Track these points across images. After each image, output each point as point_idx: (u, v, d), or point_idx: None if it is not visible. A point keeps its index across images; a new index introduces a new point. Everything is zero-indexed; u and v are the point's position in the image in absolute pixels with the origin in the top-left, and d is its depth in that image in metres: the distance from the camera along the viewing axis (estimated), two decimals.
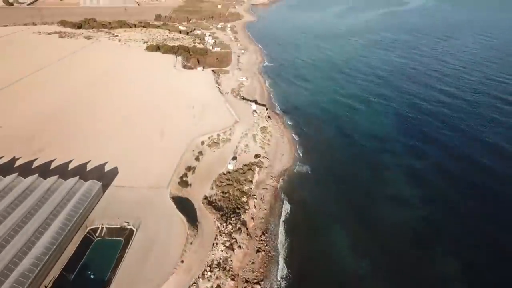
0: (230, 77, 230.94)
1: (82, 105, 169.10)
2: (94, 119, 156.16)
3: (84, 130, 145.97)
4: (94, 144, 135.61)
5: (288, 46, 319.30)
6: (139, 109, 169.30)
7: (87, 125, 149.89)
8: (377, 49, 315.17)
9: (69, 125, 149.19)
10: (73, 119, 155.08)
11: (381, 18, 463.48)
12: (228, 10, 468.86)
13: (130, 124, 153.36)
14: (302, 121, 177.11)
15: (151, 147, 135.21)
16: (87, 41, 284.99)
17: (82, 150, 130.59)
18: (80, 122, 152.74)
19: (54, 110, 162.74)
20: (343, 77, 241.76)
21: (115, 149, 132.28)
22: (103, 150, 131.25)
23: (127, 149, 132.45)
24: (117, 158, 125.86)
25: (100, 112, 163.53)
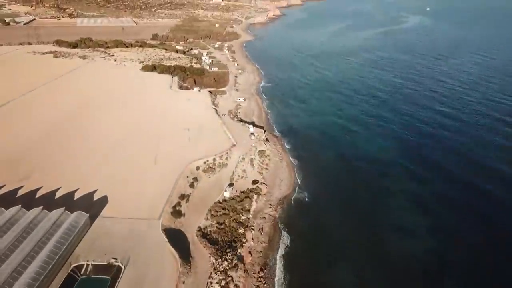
0: (227, 97, 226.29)
1: (73, 128, 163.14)
2: (85, 142, 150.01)
3: (74, 154, 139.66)
4: (84, 170, 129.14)
5: (286, 65, 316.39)
6: (133, 131, 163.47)
7: (77, 149, 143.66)
8: (374, 68, 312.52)
9: (59, 149, 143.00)
10: (63, 142, 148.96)
11: (378, 37, 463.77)
12: (226, 29, 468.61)
13: (122, 148, 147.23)
14: (300, 144, 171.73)
15: (143, 173, 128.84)
16: (82, 60, 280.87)
17: (71, 176, 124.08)
18: (70, 146, 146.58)
19: (44, 133, 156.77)
20: (340, 98, 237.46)
21: (105, 175, 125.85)
22: (93, 176, 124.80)
23: (118, 176, 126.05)
24: (107, 186, 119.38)
25: (92, 135, 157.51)
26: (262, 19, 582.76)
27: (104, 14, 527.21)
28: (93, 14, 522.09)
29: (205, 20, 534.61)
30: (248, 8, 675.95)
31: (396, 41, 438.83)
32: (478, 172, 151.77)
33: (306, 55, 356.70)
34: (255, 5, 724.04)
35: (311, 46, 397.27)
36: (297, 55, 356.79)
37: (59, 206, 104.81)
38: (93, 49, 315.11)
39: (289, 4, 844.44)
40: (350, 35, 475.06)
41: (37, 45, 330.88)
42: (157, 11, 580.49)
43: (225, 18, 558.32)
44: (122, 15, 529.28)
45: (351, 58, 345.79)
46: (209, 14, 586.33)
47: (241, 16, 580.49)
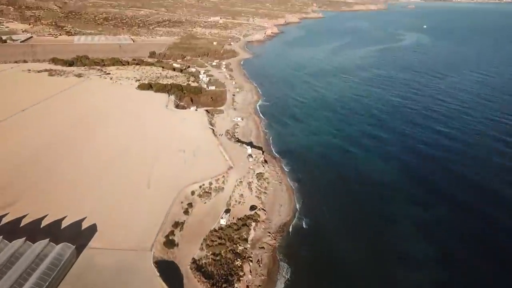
0: (224, 117, 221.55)
1: (63, 149, 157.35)
2: (76, 165, 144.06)
3: (63, 178, 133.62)
4: (73, 195, 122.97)
5: (283, 84, 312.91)
6: (126, 153, 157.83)
7: (67, 173, 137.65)
8: (371, 87, 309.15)
9: (48, 173, 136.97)
10: (52, 165, 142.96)
11: (375, 55, 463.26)
12: (224, 47, 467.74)
13: (114, 171, 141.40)
14: (299, 166, 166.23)
15: (135, 199, 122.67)
16: (77, 79, 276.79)
17: (59, 203, 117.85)
18: (60, 169, 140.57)
19: (32, 154, 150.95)
20: (337, 117, 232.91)
21: (95, 201, 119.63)
22: (82, 202, 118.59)
23: (109, 202, 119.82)
24: (97, 213, 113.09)
25: (83, 157, 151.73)
26: (260, 36, 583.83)
27: (101, 32, 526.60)
28: (91, 32, 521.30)
29: (203, 37, 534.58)
30: (246, 25, 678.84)
31: (393, 59, 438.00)
32: (481, 196, 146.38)
33: (303, 73, 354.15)
34: (253, 23, 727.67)
35: (308, 64, 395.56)
36: (295, 73, 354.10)
37: (44, 236, 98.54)
38: (89, 67, 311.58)
39: (287, 21, 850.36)
40: (348, 52, 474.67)
41: (33, 63, 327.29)
42: (155, 28, 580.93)
43: (223, 36, 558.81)
44: (119, 32, 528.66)
45: (348, 76, 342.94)
46: (207, 31, 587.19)
47: (239, 34, 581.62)
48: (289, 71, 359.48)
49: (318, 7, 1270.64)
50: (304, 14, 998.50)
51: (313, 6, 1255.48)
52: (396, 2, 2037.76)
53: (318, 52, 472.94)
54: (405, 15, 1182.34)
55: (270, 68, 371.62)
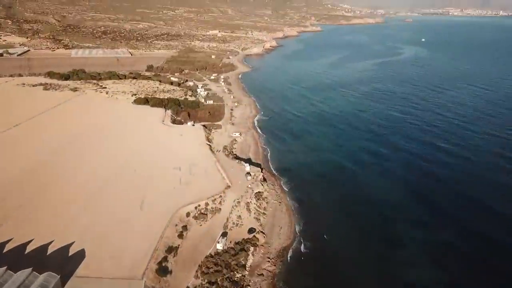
0: (222, 132, 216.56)
1: (54, 168, 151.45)
2: (67, 185, 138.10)
3: (53, 200, 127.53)
4: (62, 218, 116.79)
5: (282, 98, 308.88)
6: (120, 171, 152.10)
7: (57, 194, 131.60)
8: (370, 101, 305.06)
9: (37, 194, 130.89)
10: (42, 186, 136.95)
11: (374, 68, 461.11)
12: (222, 60, 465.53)
13: (106, 191, 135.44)
14: (299, 184, 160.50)
15: (127, 222, 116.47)
16: (72, 93, 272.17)
17: (46, 226, 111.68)
18: (49, 189, 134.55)
19: (22, 174, 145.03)
20: (337, 133, 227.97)
21: (85, 225, 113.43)
22: (71, 226, 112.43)
23: (99, 225, 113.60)
24: (86, 237, 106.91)
25: (75, 176, 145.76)
26: (258, 50, 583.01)
27: (99, 45, 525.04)
28: (89, 45, 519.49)
29: (202, 51, 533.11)
30: (244, 39, 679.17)
31: (392, 73, 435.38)
32: (484, 216, 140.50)
33: (302, 87, 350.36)
34: (252, 37, 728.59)
35: (307, 78, 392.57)
36: (293, 87, 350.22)
37: (29, 262, 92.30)
38: (85, 81, 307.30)
39: (286, 35, 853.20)
40: (346, 66, 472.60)
41: (28, 77, 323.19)
42: (153, 42, 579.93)
43: (222, 49, 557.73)
44: (117, 46, 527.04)
45: (347, 90, 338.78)
46: (205, 45, 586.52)
47: (237, 47, 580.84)
48: (288, 85, 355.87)
49: (316, 20, 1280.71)
50: (302, 28, 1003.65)
51: (312, 20, 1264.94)
52: (393, 16, 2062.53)
53: (316, 66, 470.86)
54: (403, 28, 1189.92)
55: (269, 82, 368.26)
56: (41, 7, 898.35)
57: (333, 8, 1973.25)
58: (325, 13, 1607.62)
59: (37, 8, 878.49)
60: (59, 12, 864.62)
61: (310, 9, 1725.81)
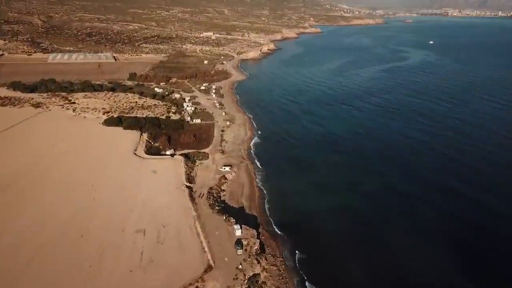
0: (209, 165, 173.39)
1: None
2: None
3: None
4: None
5: (281, 114, 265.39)
6: (59, 239, 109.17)
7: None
8: (381, 117, 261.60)
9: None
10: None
11: (380, 76, 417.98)
12: (215, 67, 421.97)
13: (30, 273, 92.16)
14: (311, 252, 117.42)
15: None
16: (33, 110, 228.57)
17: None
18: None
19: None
20: (347, 162, 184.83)
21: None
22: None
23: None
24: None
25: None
26: (255, 54, 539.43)
27: (81, 49, 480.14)
28: (70, 49, 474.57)
29: (193, 55, 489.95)
30: (240, 42, 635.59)
31: (400, 81, 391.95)
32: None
33: (303, 99, 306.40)
34: (248, 39, 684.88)
35: (308, 88, 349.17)
36: (294, 99, 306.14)
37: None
38: (53, 94, 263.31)
39: (284, 37, 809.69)
40: (350, 73, 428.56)
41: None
42: (141, 45, 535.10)
43: (215, 53, 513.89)
44: (101, 49, 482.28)
45: (354, 104, 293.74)
46: (198, 48, 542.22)
47: (232, 51, 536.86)
48: (288, 97, 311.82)
49: (315, 21, 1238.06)
50: (301, 29, 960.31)
51: (311, 21, 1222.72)
52: (393, 17, 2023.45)
53: (318, 73, 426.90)
54: (405, 30, 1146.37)
55: (266, 94, 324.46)
56: (28, 7, 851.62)
57: (331, 9, 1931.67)
58: (323, 14, 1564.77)
59: (23, 8, 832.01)
60: (46, 12, 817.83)
61: (308, 10, 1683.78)
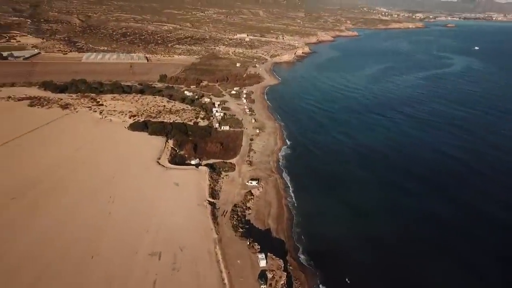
0: (234, 178, 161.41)
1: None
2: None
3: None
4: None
5: (314, 122, 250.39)
6: (67, 257, 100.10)
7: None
8: (419, 130, 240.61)
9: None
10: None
11: (423, 84, 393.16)
12: (247, 70, 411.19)
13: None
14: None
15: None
16: (60, 111, 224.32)
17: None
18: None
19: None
20: (391, 182, 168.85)
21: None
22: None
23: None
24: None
25: (9, 256, 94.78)
26: (289, 57, 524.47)
27: (115, 49, 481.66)
28: (104, 49, 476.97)
29: (226, 57, 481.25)
30: (274, 44, 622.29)
31: (442, 90, 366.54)
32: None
33: (338, 107, 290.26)
34: (282, 41, 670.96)
35: (344, 95, 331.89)
36: (329, 107, 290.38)
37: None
38: (82, 95, 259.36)
39: (319, 40, 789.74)
40: (389, 80, 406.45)
41: (20, 87, 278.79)
42: (174, 46, 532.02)
43: (248, 56, 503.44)
44: (134, 50, 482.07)
45: (390, 115, 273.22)
46: (231, 50, 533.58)
47: (266, 54, 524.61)
48: (321, 105, 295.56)
49: (352, 24, 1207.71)
50: (337, 32, 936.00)
51: (347, 24, 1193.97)
52: (433, 21, 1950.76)
53: (354, 79, 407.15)
54: (447, 34, 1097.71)
55: (298, 100, 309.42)
56: (68, 7, 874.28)
57: (369, 12, 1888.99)
58: (361, 17, 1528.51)
59: (64, 8, 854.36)
60: (85, 11, 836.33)
61: (345, 12, 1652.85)
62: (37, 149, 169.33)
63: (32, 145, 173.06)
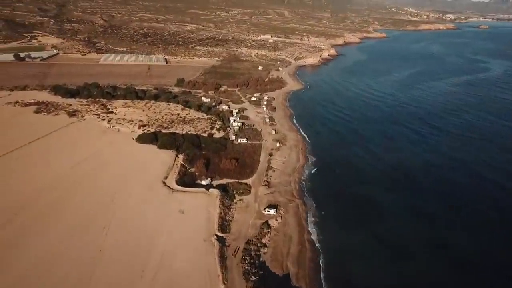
0: (249, 203, 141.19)
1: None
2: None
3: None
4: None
5: (339, 135, 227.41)
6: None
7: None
8: (470, 146, 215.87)
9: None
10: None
11: (458, 91, 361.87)
12: (269, 73, 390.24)
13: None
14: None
15: None
16: (67, 119, 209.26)
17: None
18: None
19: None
20: (426, 212, 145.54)
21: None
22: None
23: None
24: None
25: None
26: (314, 60, 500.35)
27: (135, 50, 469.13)
28: (123, 50, 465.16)
29: (248, 60, 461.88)
30: (299, 46, 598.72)
31: (481, 98, 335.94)
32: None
33: (365, 117, 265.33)
34: (308, 43, 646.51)
35: (374, 103, 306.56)
36: (354, 116, 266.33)
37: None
38: (93, 101, 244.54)
39: (346, 41, 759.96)
40: (420, 87, 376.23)
41: (31, 90, 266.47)
42: (195, 47, 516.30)
43: (271, 59, 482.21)
44: (154, 51, 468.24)
45: (430, 127, 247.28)
46: (253, 53, 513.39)
47: (290, 56, 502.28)
48: (347, 113, 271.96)
49: (380, 25, 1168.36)
50: (365, 33, 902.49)
51: (375, 24, 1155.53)
52: (465, 22, 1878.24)
53: (384, 85, 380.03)
54: (480, 36, 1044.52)
55: (323, 107, 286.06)
56: (93, 6, 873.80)
57: (397, 12, 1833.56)
58: (389, 17, 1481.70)
59: (88, 7, 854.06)
60: (109, 11, 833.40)
61: (372, 13, 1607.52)
62: (32, 165, 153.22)
63: (27, 160, 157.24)
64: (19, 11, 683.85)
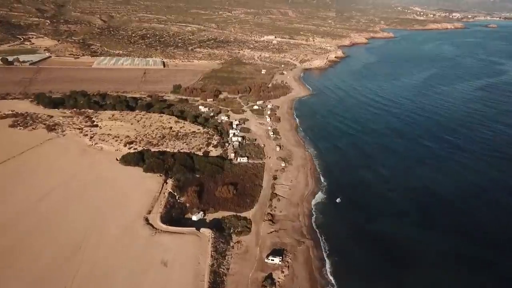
0: (249, 248, 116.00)
1: None
2: None
3: None
4: None
5: (351, 151, 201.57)
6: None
7: None
8: (491, 165, 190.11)
9: None
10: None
11: (476, 98, 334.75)
12: (273, 77, 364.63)
13: None
14: None
15: None
16: (44, 135, 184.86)
17: None
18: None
19: None
20: (471, 254, 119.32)
21: None
22: None
23: None
24: None
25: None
26: (321, 62, 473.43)
27: (131, 52, 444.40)
28: (119, 53, 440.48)
29: (251, 63, 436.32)
30: (304, 47, 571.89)
31: (503, 105, 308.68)
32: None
33: (383, 128, 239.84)
34: (313, 44, 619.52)
35: (388, 111, 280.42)
36: (366, 127, 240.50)
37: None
38: (77, 112, 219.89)
39: (352, 42, 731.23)
40: (434, 92, 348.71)
41: (12, 100, 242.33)
42: (194, 49, 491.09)
43: (275, 61, 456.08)
44: (151, 54, 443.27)
45: (452, 144, 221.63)
46: (256, 55, 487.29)
47: (295, 59, 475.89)
48: (358, 123, 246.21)
49: (386, 25, 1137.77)
50: (372, 33, 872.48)
51: (381, 24, 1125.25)
52: (472, 21, 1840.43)
53: (398, 90, 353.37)
54: (491, 36, 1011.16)
55: (332, 117, 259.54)
56: (93, 7, 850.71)
57: (403, 11, 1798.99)
58: (395, 17, 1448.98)
59: (88, 7, 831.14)
60: (109, 11, 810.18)
61: (378, 12, 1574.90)
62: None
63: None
64: (16, 12, 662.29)
